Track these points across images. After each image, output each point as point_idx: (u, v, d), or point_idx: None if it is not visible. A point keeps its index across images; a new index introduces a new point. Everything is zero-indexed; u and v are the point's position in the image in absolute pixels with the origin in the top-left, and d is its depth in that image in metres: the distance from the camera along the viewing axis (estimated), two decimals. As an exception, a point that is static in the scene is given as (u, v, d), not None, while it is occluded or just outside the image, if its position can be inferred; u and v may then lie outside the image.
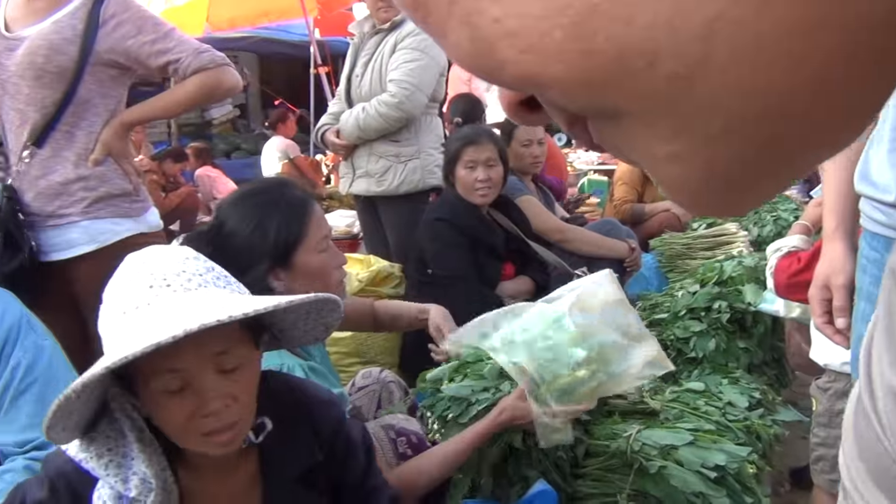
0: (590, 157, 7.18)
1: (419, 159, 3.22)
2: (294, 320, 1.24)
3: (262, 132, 11.79)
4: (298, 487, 1.25)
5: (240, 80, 2.25)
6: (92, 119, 2.12)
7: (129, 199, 2.21)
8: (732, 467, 1.80)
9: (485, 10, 0.24)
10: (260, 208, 1.63)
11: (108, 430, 1.11)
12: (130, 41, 2.09)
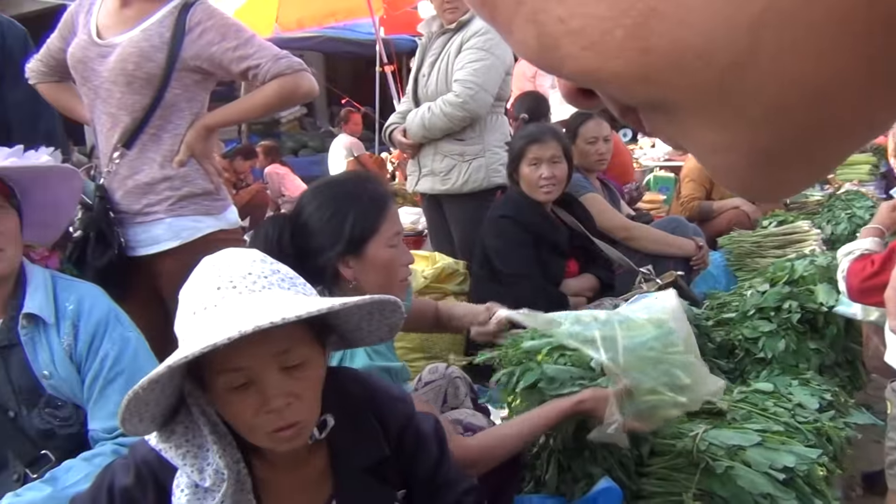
0: (656, 154, 7.08)
1: (484, 158, 3.24)
2: (357, 321, 1.27)
3: (329, 130, 12.00)
4: (368, 479, 1.29)
5: (316, 84, 2.31)
6: (177, 122, 2.23)
7: (211, 197, 2.30)
8: (802, 469, 1.77)
9: (550, 9, 0.26)
10: (340, 198, 1.72)
11: (185, 422, 1.17)
12: (214, 48, 2.18)
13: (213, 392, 1.13)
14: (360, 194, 1.75)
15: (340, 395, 1.26)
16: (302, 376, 1.14)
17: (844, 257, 1.91)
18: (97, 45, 2.19)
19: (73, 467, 1.56)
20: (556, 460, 1.89)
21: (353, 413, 1.27)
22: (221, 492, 1.13)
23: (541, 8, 0.27)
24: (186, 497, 1.14)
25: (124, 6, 2.20)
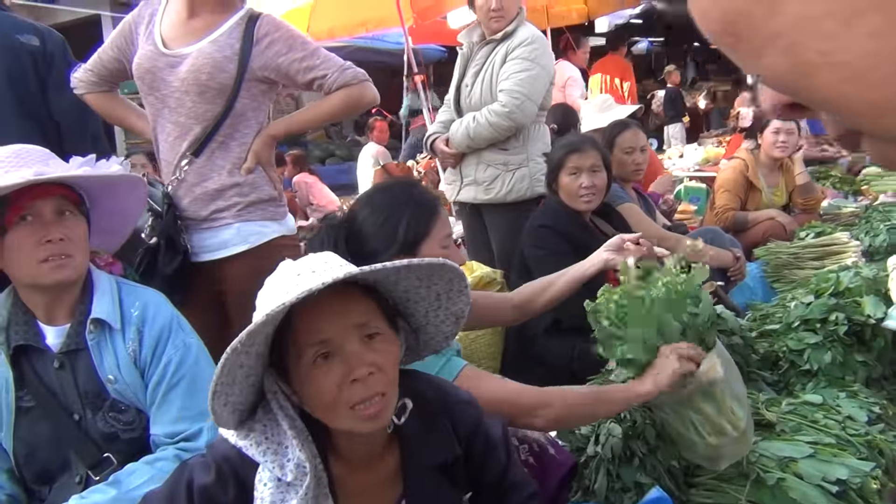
0: (686, 164, 7.06)
1: (527, 167, 3.26)
2: (425, 311, 1.34)
3: (355, 139, 12.11)
4: (438, 477, 1.32)
5: (377, 94, 2.37)
6: (245, 131, 2.28)
7: (275, 203, 2.36)
8: (855, 482, 1.76)
9: (811, 45, 0.30)
10: (392, 203, 1.79)
11: (264, 420, 1.23)
12: (282, 59, 2.23)
13: (297, 373, 1.19)
14: (411, 198, 1.82)
15: (413, 394, 1.31)
16: (381, 348, 1.21)
17: None
18: (165, 56, 2.24)
19: (136, 470, 1.60)
20: (606, 469, 1.89)
21: (425, 413, 1.32)
22: (305, 485, 1.17)
23: (799, 42, 0.30)
24: (270, 491, 1.18)
25: (191, 17, 2.26)
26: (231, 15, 2.25)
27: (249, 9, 2.31)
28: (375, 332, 1.21)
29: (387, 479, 1.32)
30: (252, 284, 2.26)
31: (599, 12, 10.28)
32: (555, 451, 1.75)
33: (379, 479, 1.31)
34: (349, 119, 7.78)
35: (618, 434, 1.89)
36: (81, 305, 1.69)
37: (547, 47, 3.28)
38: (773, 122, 4.26)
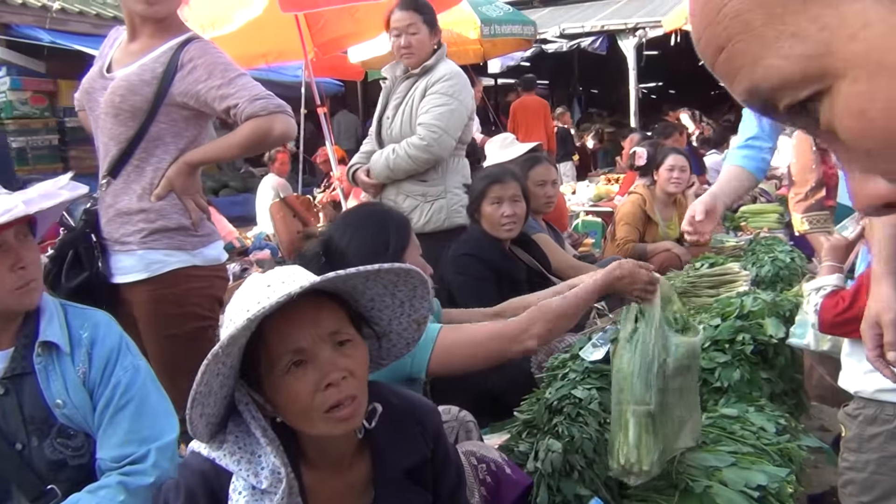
0: (579, 200, 7.39)
1: (445, 199, 3.34)
2: (389, 318, 1.40)
3: (249, 170, 11.91)
4: (408, 483, 1.37)
5: (293, 126, 2.33)
6: (161, 156, 2.24)
7: (186, 233, 2.30)
8: (773, 487, 1.91)
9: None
10: (376, 218, 2.04)
11: (236, 431, 1.25)
12: (200, 85, 2.20)
13: (271, 382, 1.22)
14: (388, 214, 2.10)
15: (380, 399, 1.35)
16: (353, 354, 1.26)
17: (814, 293, 2.09)
18: (103, 78, 2.24)
19: (79, 501, 1.53)
20: (546, 484, 1.96)
21: (393, 418, 1.36)
22: (280, 492, 1.19)
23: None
24: (245, 499, 1.19)
25: (132, 41, 2.24)
26: (168, 40, 2.23)
27: (190, 34, 2.29)
28: (347, 339, 1.26)
29: (357, 486, 1.35)
30: (156, 313, 2.24)
31: (493, 54, 10.70)
32: (511, 470, 1.81)
33: (350, 487, 1.35)
34: (252, 154, 7.73)
35: (557, 449, 1.96)
36: (26, 328, 1.62)
37: (466, 83, 3.40)
38: (668, 160, 4.57)
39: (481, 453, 1.79)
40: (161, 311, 2.23)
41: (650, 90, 20.06)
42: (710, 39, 0.44)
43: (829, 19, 0.38)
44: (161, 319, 2.23)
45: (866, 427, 1.99)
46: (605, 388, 2.17)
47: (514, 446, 2.15)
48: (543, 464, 1.97)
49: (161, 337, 2.24)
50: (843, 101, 0.40)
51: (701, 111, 11.57)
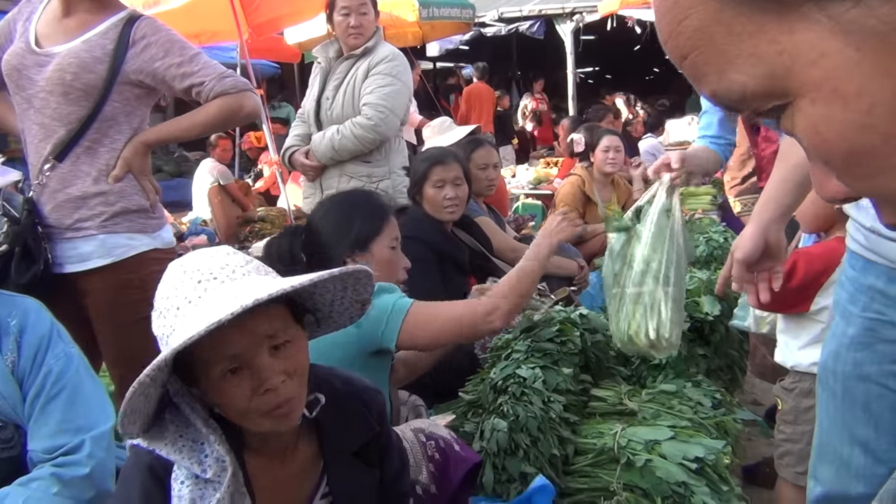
0: (519, 183, 7.45)
1: (390, 180, 3.32)
2: (331, 301, 1.35)
3: (183, 154, 11.60)
4: (356, 463, 1.36)
5: (259, 105, 2.30)
6: (115, 136, 2.17)
7: (146, 215, 2.24)
8: (710, 459, 1.97)
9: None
10: (348, 204, 2.06)
11: (176, 421, 1.20)
12: (158, 63, 2.14)
13: (207, 384, 1.17)
14: (366, 202, 2.11)
15: (322, 387, 1.32)
16: (292, 354, 1.21)
17: None
18: (35, 54, 2.11)
19: (9, 494, 1.48)
20: (492, 463, 1.98)
21: (338, 401, 1.34)
22: (226, 479, 1.16)
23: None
24: (188, 488, 1.16)
25: (66, 16, 2.13)
26: (109, 16, 2.15)
27: (131, 10, 2.22)
28: (286, 341, 1.20)
29: (304, 468, 1.34)
30: (118, 299, 2.16)
31: (432, 37, 10.67)
32: (460, 447, 1.82)
33: (296, 470, 1.33)
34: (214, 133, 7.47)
35: (503, 428, 1.98)
36: None
37: (407, 65, 3.38)
38: (603, 142, 4.63)
39: (430, 430, 1.80)
40: (125, 298, 2.15)
41: (587, 75, 20.30)
42: (673, 47, 0.46)
43: (787, 45, 0.41)
44: (124, 306, 2.14)
45: (802, 400, 2.07)
46: (550, 366, 2.21)
47: (459, 426, 2.16)
48: (489, 443, 1.99)
49: (122, 324, 2.16)
50: (802, 118, 0.43)
51: (636, 96, 11.75)
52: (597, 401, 2.29)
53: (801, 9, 0.40)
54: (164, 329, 1.16)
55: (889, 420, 1.40)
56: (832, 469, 1.51)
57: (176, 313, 1.14)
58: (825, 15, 0.39)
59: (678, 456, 1.97)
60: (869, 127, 0.40)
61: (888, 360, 1.40)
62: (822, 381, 1.55)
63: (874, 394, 1.41)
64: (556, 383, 2.14)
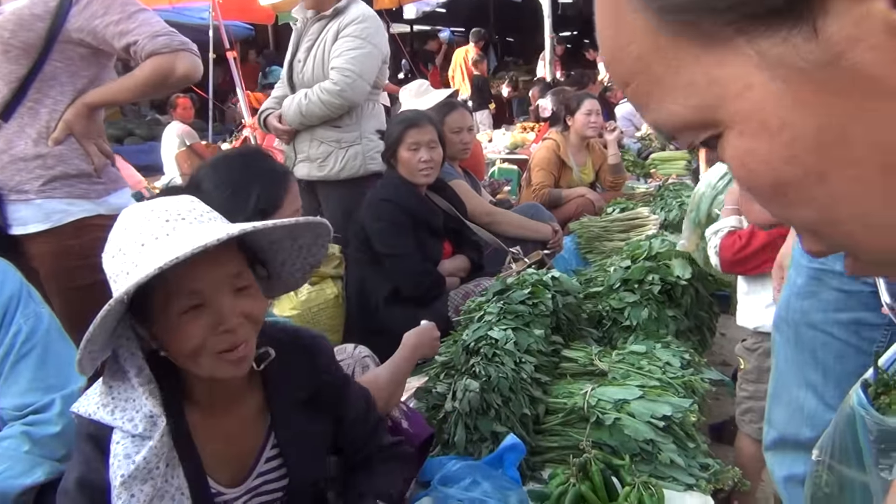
0: (496, 148, 7.43)
1: (360, 145, 3.30)
2: (283, 261, 1.37)
3: (155, 117, 11.41)
4: (303, 412, 1.38)
5: (198, 66, 2.22)
6: (57, 97, 2.12)
7: (89, 180, 2.20)
8: (677, 417, 2.01)
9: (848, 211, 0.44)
10: (243, 174, 1.79)
11: (109, 379, 1.21)
12: (97, 21, 2.09)
13: (162, 321, 1.18)
14: (262, 171, 1.84)
15: (269, 336, 1.34)
16: (251, 299, 1.23)
17: (714, 235, 2.19)
18: None
19: (-21, 451, 1.47)
20: (464, 422, 2.01)
21: (284, 350, 1.36)
22: (157, 436, 1.17)
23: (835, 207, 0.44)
24: (123, 447, 1.16)
25: None
26: None
27: None
28: (247, 284, 1.23)
29: (249, 419, 1.35)
30: (58, 265, 2.12)
31: (408, -2, 10.56)
32: (409, 424, 1.82)
33: (241, 421, 1.34)
34: (155, 96, 7.31)
35: (474, 388, 2.01)
36: None
37: (379, 26, 3.33)
38: (584, 105, 4.62)
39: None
40: (64, 264, 2.13)
41: (566, 39, 20.16)
42: (615, 73, 0.48)
43: (718, 76, 0.42)
44: (64, 272, 2.13)
45: (765, 360, 2.12)
46: (521, 328, 2.23)
47: (432, 387, 2.18)
48: (461, 403, 2.02)
49: (65, 289, 2.14)
50: (730, 149, 0.44)
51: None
52: (568, 361, 2.32)
53: (731, 42, 0.41)
54: (125, 266, 1.14)
55: (834, 367, 1.45)
56: (787, 413, 1.56)
57: (140, 250, 1.13)
58: (754, 49, 0.41)
59: (646, 414, 2.01)
60: (791, 159, 0.42)
61: (832, 309, 1.44)
62: (777, 327, 1.63)
63: (820, 341, 1.46)
64: (527, 344, 2.17)
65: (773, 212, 0.47)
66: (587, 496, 1.71)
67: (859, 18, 0.38)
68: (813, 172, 0.42)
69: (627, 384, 2.13)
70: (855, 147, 0.40)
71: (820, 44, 0.39)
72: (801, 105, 0.41)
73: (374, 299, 2.98)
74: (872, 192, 0.41)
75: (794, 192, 0.44)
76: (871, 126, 0.40)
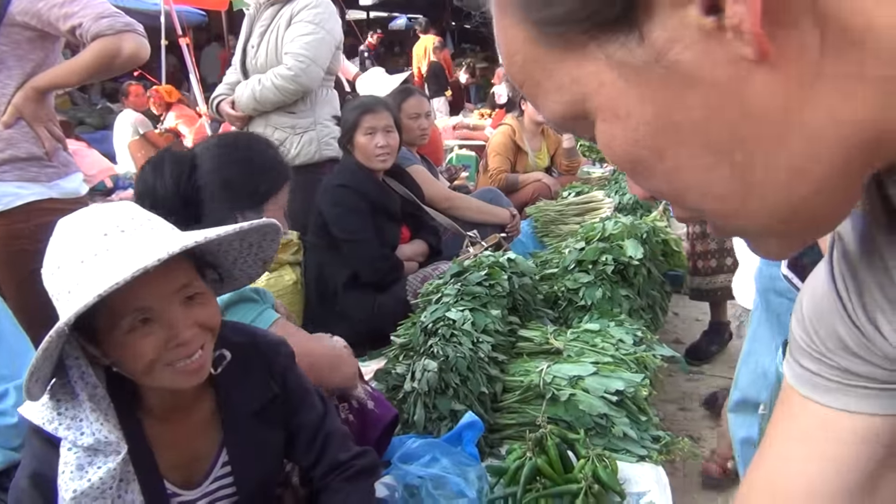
0: (455, 134, 7.46)
1: (315, 131, 3.29)
2: (234, 259, 1.34)
3: (106, 105, 11.17)
4: (256, 422, 1.35)
5: (144, 46, 2.19)
6: (4, 81, 2.09)
7: (40, 163, 2.17)
8: (629, 392, 2.07)
9: (685, 179, 0.51)
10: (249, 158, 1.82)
11: (59, 393, 1.15)
12: (41, 3, 2.06)
13: (111, 341, 1.13)
14: (269, 158, 1.87)
15: (224, 342, 1.30)
16: (204, 307, 1.20)
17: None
18: None
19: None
20: (423, 402, 2.04)
21: (239, 356, 1.32)
22: (116, 461, 1.14)
23: (677, 177, 0.52)
24: (75, 455, 1.13)
25: None
26: None
27: None
28: (197, 292, 1.19)
29: (204, 425, 1.32)
30: (10, 249, 2.10)
31: (364, -16, 10.48)
32: (375, 405, 1.83)
33: (196, 427, 1.31)
34: (107, 78, 7.13)
35: (433, 368, 2.04)
36: None
37: (333, 11, 3.32)
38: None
39: (342, 391, 1.79)
40: (15, 248, 2.10)
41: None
42: (511, 76, 0.56)
43: (579, 76, 0.50)
44: (15, 256, 2.10)
45: None
46: (478, 309, 2.27)
47: (391, 369, 2.21)
48: (420, 383, 2.05)
49: (16, 275, 2.12)
50: (598, 134, 0.53)
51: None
52: (524, 341, 2.37)
53: (587, 48, 0.49)
54: (65, 284, 1.09)
55: None
56: (752, 375, 1.64)
57: (79, 267, 1.08)
58: (603, 53, 0.48)
59: (600, 390, 2.07)
60: (637, 142, 0.50)
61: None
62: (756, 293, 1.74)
63: (784, 308, 1.53)
64: (484, 325, 2.20)
65: (640, 185, 0.56)
66: (543, 469, 1.76)
67: (677, 23, 0.45)
68: (655, 152, 0.50)
69: (582, 361, 2.19)
70: (681, 129, 0.48)
71: (647, 46, 0.46)
72: (640, 97, 0.49)
73: (332, 285, 2.99)
74: (700, 166, 0.50)
75: (644, 169, 0.52)
76: (690, 111, 0.47)
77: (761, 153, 0.48)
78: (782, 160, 0.48)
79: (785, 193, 0.49)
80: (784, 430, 0.71)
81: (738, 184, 0.49)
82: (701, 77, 0.46)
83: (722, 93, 0.46)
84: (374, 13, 16.79)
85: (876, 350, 0.63)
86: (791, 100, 0.46)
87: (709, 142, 0.48)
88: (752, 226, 0.53)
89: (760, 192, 0.49)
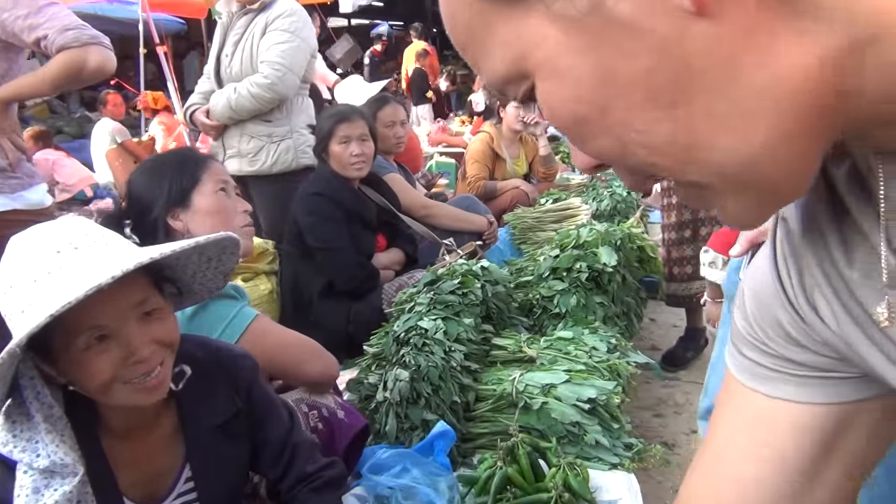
0: (434, 140, 7.47)
1: (291, 139, 3.29)
2: (193, 273, 1.32)
3: (85, 114, 11.09)
4: (219, 436, 1.33)
5: (111, 59, 2.18)
6: None
7: (3, 175, 2.16)
8: (602, 399, 2.08)
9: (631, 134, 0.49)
10: (160, 164, 1.86)
11: (14, 414, 1.13)
12: (6, 14, 2.06)
13: (66, 360, 1.11)
14: (177, 156, 1.91)
15: (185, 358, 1.29)
16: (162, 323, 1.18)
17: None
18: None
19: None
20: (395, 412, 2.04)
21: (202, 371, 1.31)
22: (73, 483, 1.11)
23: (622, 133, 0.50)
24: (31, 478, 1.10)
25: None
26: None
27: None
28: (154, 308, 1.17)
29: (166, 441, 1.30)
30: None
31: (344, -8, 10.49)
32: (345, 414, 1.81)
33: (157, 444, 1.30)
34: (75, 90, 7.06)
35: (405, 378, 2.03)
36: None
37: (307, 20, 3.32)
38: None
39: (312, 399, 1.78)
40: None
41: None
42: (454, 41, 0.54)
43: (522, 32, 0.49)
44: None
45: None
46: (451, 317, 2.27)
47: (363, 378, 2.20)
48: (392, 393, 2.05)
49: None
50: (539, 94, 0.51)
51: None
52: (498, 349, 2.37)
53: (529, 1, 0.48)
54: (18, 303, 1.07)
55: None
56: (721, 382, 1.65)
57: (32, 286, 1.06)
58: (543, 5, 0.47)
59: (572, 398, 2.07)
60: (579, 97, 0.49)
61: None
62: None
63: None
64: (457, 333, 2.20)
65: (584, 149, 0.54)
66: (513, 478, 1.76)
67: None
68: (597, 107, 0.49)
69: (554, 369, 2.19)
70: (621, 82, 0.47)
71: None
72: (579, 50, 0.47)
73: (308, 294, 2.97)
74: (645, 119, 0.48)
75: (587, 126, 0.50)
76: (629, 63, 0.46)
77: (705, 104, 0.46)
78: (729, 111, 0.46)
79: (732, 145, 0.47)
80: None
81: (683, 135, 0.48)
82: (640, 28, 0.45)
83: (661, 44, 0.45)
84: (354, 20, 16.78)
85: (815, 336, 0.64)
86: (734, 50, 0.45)
87: (651, 93, 0.47)
88: (703, 180, 0.51)
89: (707, 144, 0.48)
